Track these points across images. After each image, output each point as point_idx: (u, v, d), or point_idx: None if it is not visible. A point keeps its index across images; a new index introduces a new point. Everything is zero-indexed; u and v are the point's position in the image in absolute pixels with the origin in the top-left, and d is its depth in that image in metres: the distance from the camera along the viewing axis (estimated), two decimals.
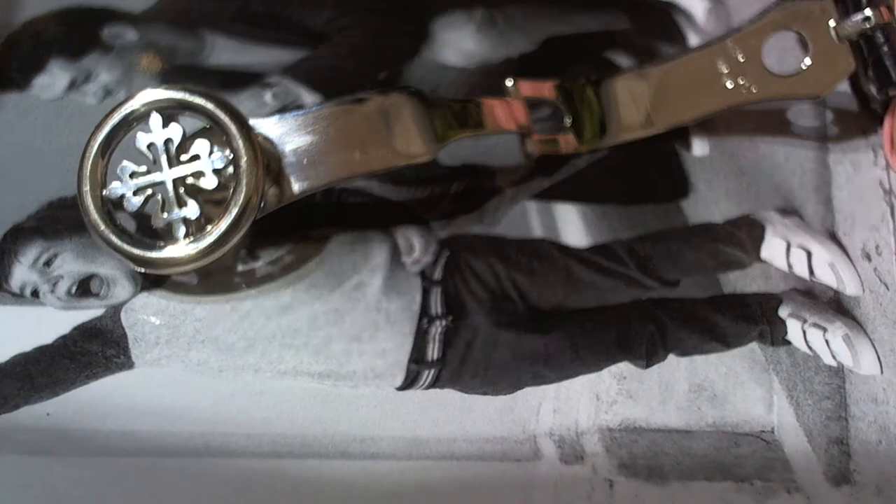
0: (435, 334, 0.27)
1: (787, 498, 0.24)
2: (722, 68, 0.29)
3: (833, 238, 0.29)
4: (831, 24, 0.28)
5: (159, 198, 0.25)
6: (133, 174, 0.25)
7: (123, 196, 0.25)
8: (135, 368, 0.26)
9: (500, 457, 0.25)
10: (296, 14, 0.35)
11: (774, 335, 0.27)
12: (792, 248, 0.29)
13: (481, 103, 0.28)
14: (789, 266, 0.28)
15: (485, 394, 0.26)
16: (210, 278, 0.28)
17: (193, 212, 0.24)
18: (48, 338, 0.26)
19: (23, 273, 0.28)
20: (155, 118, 0.25)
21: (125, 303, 0.27)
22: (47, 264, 0.28)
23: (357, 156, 0.26)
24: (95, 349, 0.26)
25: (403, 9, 0.35)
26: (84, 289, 0.28)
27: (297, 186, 0.26)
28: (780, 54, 0.30)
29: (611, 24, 0.35)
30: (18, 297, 0.27)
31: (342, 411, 0.25)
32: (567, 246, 0.29)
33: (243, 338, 0.27)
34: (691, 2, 0.34)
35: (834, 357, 0.26)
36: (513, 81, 0.30)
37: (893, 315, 0.27)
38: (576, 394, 0.26)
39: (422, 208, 0.30)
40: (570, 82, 0.31)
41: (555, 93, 0.30)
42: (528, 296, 0.28)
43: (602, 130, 0.31)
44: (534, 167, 0.30)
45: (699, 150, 0.31)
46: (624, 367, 0.26)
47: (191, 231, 0.24)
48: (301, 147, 0.26)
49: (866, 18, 0.28)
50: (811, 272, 0.28)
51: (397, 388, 0.26)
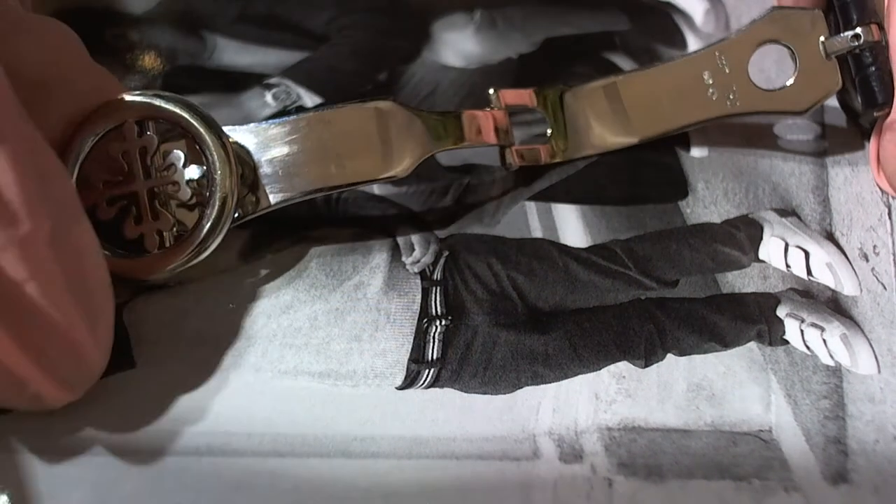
0: (435, 334, 0.27)
1: (784, 497, 0.24)
2: (707, 79, 0.29)
3: (831, 238, 0.29)
4: (821, 40, 0.28)
5: (133, 209, 0.24)
6: (106, 183, 0.24)
7: (95, 205, 0.24)
8: (136, 368, 0.26)
9: (499, 456, 0.25)
10: (296, 15, 0.35)
11: (772, 335, 0.27)
12: (790, 249, 0.29)
13: (461, 115, 0.28)
14: (787, 266, 0.29)
15: (484, 393, 0.26)
16: (209, 278, 0.28)
17: (167, 224, 0.24)
18: None
19: None
20: (129, 126, 0.24)
21: (126, 302, 0.27)
22: None
23: (333, 169, 0.26)
24: None
25: (403, 9, 0.36)
26: None
27: (273, 197, 0.26)
28: (769, 65, 0.29)
29: (610, 25, 0.35)
30: None
31: (342, 411, 0.25)
32: (566, 246, 0.29)
33: (244, 337, 0.27)
34: (690, 3, 0.34)
35: (831, 356, 0.26)
36: (494, 91, 0.29)
37: (891, 315, 0.27)
38: (575, 393, 0.26)
39: (422, 208, 0.31)
40: (549, 89, 0.30)
41: (535, 100, 0.30)
42: (528, 296, 0.28)
43: (579, 140, 0.30)
44: (533, 168, 0.30)
45: (698, 151, 0.31)
46: (623, 366, 0.26)
47: (164, 242, 0.24)
48: (277, 157, 0.26)
49: (856, 36, 0.27)
50: (809, 272, 0.28)
51: (397, 388, 0.26)
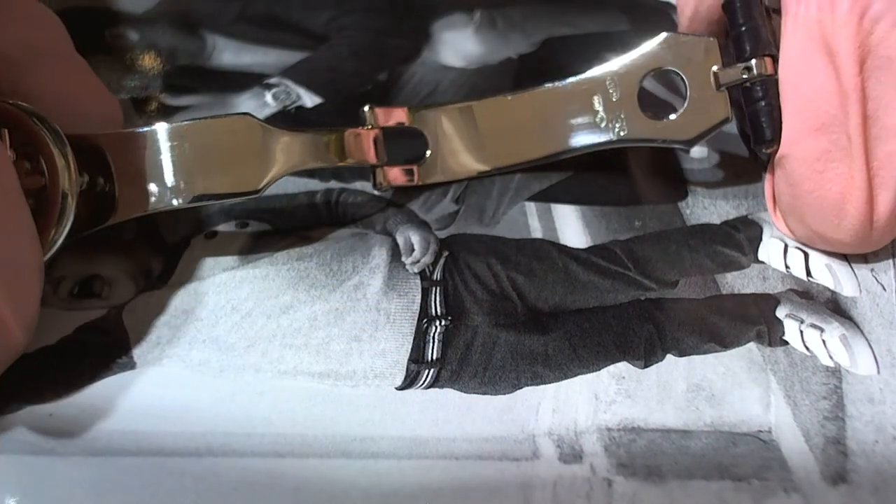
0: (434, 334, 0.27)
1: (784, 497, 0.24)
2: (597, 104, 0.28)
3: None
4: (713, 69, 0.27)
5: None
6: None
7: None
8: (136, 369, 0.26)
9: (499, 456, 0.25)
10: (296, 15, 0.36)
11: (772, 335, 0.27)
12: (789, 249, 0.29)
13: (344, 133, 0.28)
14: (787, 267, 0.29)
15: (484, 393, 0.26)
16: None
17: None
18: (50, 339, 0.27)
19: None
20: None
21: (127, 303, 0.27)
22: (49, 265, 0.28)
23: (182, 184, 0.26)
24: (97, 350, 0.26)
25: (403, 10, 0.36)
26: (86, 289, 0.28)
27: (126, 210, 0.26)
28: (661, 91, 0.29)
29: (610, 25, 0.35)
30: None
31: (342, 411, 0.25)
32: (566, 246, 0.29)
33: (244, 337, 0.27)
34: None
35: (831, 357, 0.26)
36: (369, 107, 0.29)
37: (890, 315, 0.27)
38: (575, 394, 0.26)
39: (422, 208, 0.31)
40: (425, 108, 0.30)
41: (410, 118, 0.29)
42: (527, 296, 0.28)
43: (447, 162, 0.30)
44: (534, 168, 0.30)
45: (698, 151, 0.31)
46: (622, 367, 0.26)
47: None
48: (133, 169, 0.25)
49: (747, 68, 0.26)
50: (808, 273, 0.28)
51: (397, 388, 0.26)
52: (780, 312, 0.27)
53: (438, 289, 0.28)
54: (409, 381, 0.26)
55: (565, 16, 0.35)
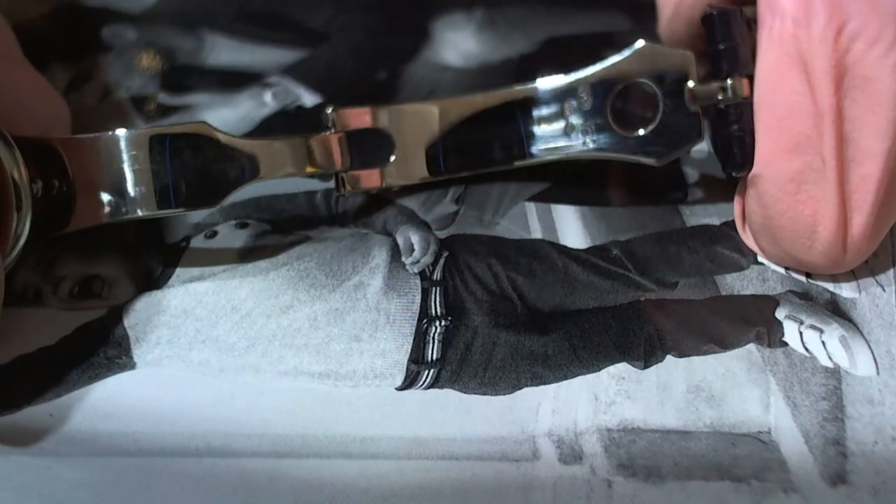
0: (434, 334, 0.27)
1: (783, 498, 0.24)
2: (568, 112, 0.28)
3: None
4: (689, 85, 0.26)
5: None
6: None
7: None
8: (136, 369, 0.26)
9: (499, 457, 0.25)
10: (295, 14, 0.35)
11: (771, 337, 0.27)
12: None
13: (310, 141, 0.27)
14: (786, 268, 0.29)
15: (484, 394, 0.26)
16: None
17: None
18: (50, 339, 0.27)
19: (25, 274, 0.28)
20: None
21: (127, 303, 0.27)
22: (49, 265, 0.28)
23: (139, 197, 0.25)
24: (97, 350, 0.26)
25: (403, 9, 0.36)
26: (86, 290, 0.28)
27: (85, 218, 0.25)
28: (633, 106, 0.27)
29: (610, 24, 0.35)
30: (20, 299, 0.27)
31: (342, 411, 0.25)
32: (566, 247, 0.29)
33: (244, 338, 0.27)
34: None
35: (830, 358, 0.26)
36: (332, 109, 0.28)
37: (889, 316, 0.27)
38: (574, 394, 0.26)
39: (422, 208, 0.31)
40: (391, 107, 0.28)
41: (374, 119, 0.28)
42: (527, 296, 0.28)
43: (411, 165, 0.28)
44: (534, 168, 0.30)
45: (698, 152, 0.31)
46: (622, 367, 0.26)
47: None
48: (93, 176, 0.25)
49: (723, 88, 0.25)
50: (808, 275, 0.28)
51: (397, 388, 0.26)
52: (780, 314, 0.28)
53: (438, 289, 0.28)
54: (409, 382, 0.26)
55: (565, 16, 0.35)
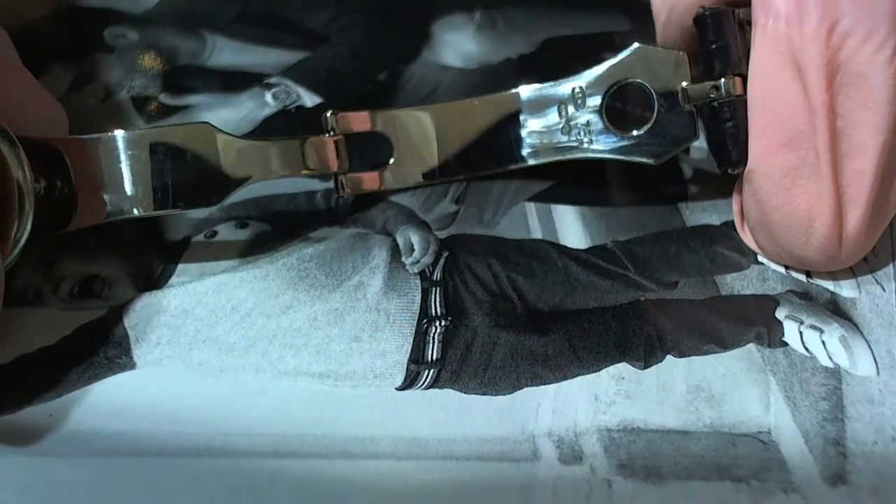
0: (434, 335, 0.27)
1: (783, 498, 0.24)
2: (562, 114, 0.28)
3: None
4: (682, 85, 0.27)
5: None
6: None
7: None
8: (136, 369, 0.26)
9: (498, 457, 0.25)
10: (296, 15, 0.35)
11: (772, 337, 0.27)
12: None
13: (305, 143, 0.28)
14: (786, 268, 0.29)
15: (484, 394, 0.26)
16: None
17: None
18: (50, 339, 0.27)
19: (25, 274, 0.28)
20: None
21: (127, 303, 0.27)
22: (49, 265, 0.28)
23: (140, 194, 0.26)
24: (97, 350, 0.26)
25: (404, 9, 0.36)
26: (86, 290, 0.28)
27: (87, 217, 0.26)
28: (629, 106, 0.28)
29: (610, 25, 0.35)
30: (20, 299, 0.27)
31: (342, 411, 0.25)
32: (566, 247, 0.29)
33: (244, 338, 0.27)
34: None
35: (830, 358, 0.26)
36: (331, 113, 0.28)
37: (890, 316, 0.27)
38: (574, 394, 0.26)
39: (422, 208, 0.31)
40: (390, 111, 0.29)
41: (372, 122, 0.29)
42: (527, 297, 0.28)
43: (412, 167, 0.29)
44: (533, 168, 0.30)
45: (697, 151, 0.31)
46: (622, 367, 0.26)
47: None
48: (93, 175, 0.25)
49: (715, 87, 0.26)
50: (808, 274, 0.28)
51: (397, 388, 0.26)
52: (780, 313, 0.28)
53: (438, 289, 0.28)
54: (409, 382, 0.26)
55: (565, 16, 0.35)
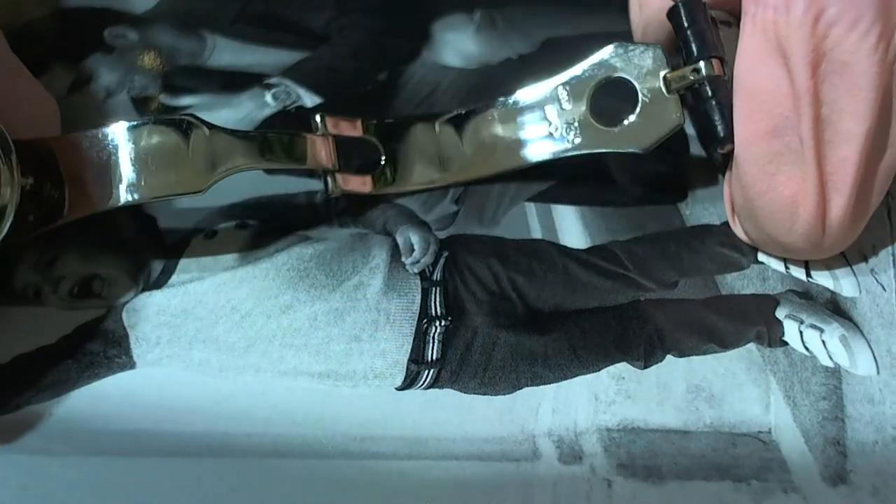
0: (434, 335, 0.27)
1: (783, 498, 0.24)
2: (548, 115, 0.29)
3: None
4: (662, 74, 0.27)
5: None
6: None
7: None
8: (136, 368, 0.26)
9: (499, 457, 0.25)
10: (296, 15, 0.35)
11: (772, 336, 0.27)
12: None
13: (306, 138, 0.28)
14: (786, 267, 0.29)
15: (484, 394, 0.26)
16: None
17: None
18: (50, 339, 0.27)
19: (25, 273, 0.28)
20: None
21: (127, 303, 0.27)
22: (49, 264, 0.28)
23: (146, 181, 0.26)
24: (97, 349, 0.26)
25: (404, 10, 0.36)
26: (85, 289, 0.28)
27: (75, 211, 0.26)
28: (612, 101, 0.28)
29: (610, 25, 0.35)
30: (20, 298, 0.27)
31: (342, 411, 0.26)
32: (566, 247, 0.29)
33: (244, 337, 0.27)
34: None
35: (831, 358, 0.26)
36: (320, 116, 0.29)
37: (890, 316, 0.27)
38: (574, 394, 0.26)
39: (422, 208, 0.31)
40: (380, 121, 0.30)
41: (363, 129, 0.30)
42: (527, 296, 0.28)
43: (406, 173, 0.30)
44: (532, 168, 0.30)
45: (697, 151, 0.31)
46: (622, 367, 0.26)
47: None
48: (91, 165, 0.25)
49: (696, 70, 0.26)
50: (808, 274, 0.28)
51: (397, 388, 0.26)
52: (780, 313, 0.27)
53: (438, 289, 0.28)
54: (409, 382, 0.26)
55: (565, 16, 0.35)
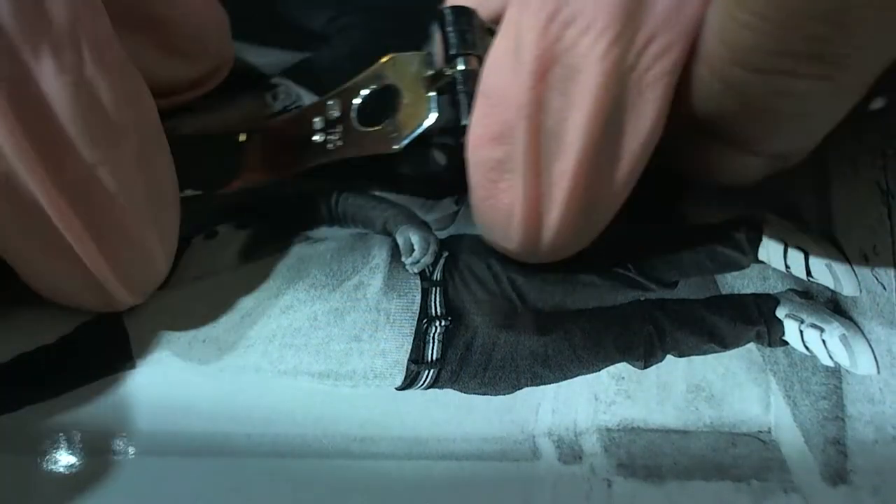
0: (434, 334, 0.27)
1: (784, 498, 0.24)
2: (317, 125, 0.30)
3: (830, 239, 0.29)
4: (424, 75, 0.28)
5: None
6: None
7: None
8: (136, 368, 0.26)
9: (498, 457, 0.25)
10: (296, 15, 0.36)
11: (772, 336, 0.27)
12: (789, 249, 0.29)
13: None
14: (787, 267, 0.29)
15: (484, 394, 0.26)
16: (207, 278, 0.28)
17: None
18: (50, 338, 0.27)
19: None
20: None
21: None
22: None
23: None
24: (97, 349, 0.26)
25: (403, 9, 0.36)
26: None
27: None
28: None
29: None
30: (20, 297, 0.27)
31: (342, 411, 0.26)
32: None
33: (244, 337, 0.27)
34: None
35: (831, 357, 0.26)
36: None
37: (890, 315, 0.27)
38: (574, 394, 0.26)
39: (422, 208, 0.31)
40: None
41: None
42: (527, 296, 0.28)
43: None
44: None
45: None
46: (622, 367, 0.26)
47: None
48: None
49: (452, 67, 0.27)
50: (808, 273, 0.28)
51: (397, 388, 0.26)
52: (780, 312, 0.27)
53: (438, 289, 0.28)
54: (409, 382, 0.26)
55: None
